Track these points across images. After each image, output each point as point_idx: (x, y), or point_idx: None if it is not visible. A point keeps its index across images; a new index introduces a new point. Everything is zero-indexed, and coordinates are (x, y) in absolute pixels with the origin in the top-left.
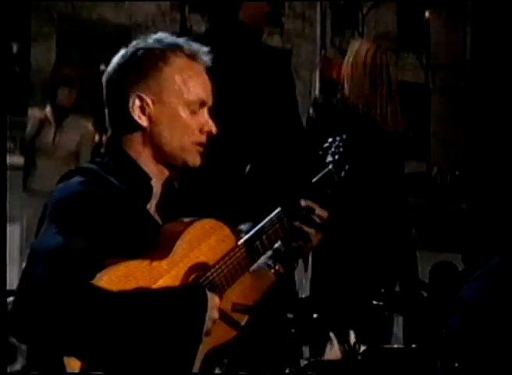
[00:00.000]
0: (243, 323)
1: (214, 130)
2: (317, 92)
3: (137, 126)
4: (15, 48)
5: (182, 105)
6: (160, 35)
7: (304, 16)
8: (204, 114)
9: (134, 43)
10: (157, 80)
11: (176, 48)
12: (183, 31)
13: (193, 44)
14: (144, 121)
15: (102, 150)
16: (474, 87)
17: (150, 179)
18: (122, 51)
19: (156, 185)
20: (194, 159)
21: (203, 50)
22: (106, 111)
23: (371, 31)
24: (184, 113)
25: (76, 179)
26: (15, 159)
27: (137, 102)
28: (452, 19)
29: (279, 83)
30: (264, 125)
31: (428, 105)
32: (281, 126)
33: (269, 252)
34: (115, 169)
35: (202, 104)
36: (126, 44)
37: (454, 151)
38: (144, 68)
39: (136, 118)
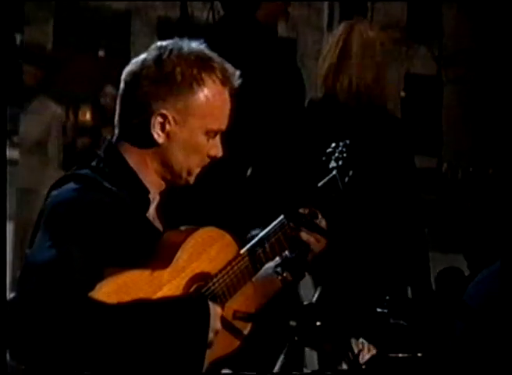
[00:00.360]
0: (245, 332)
1: (220, 155)
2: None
3: (151, 142)
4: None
5: (202, 131)
6: (195, 47)
7: (310, 3)
8: (217, 139)
9: (165, 47)
10: (186, 102)
11: (212, 71)
12: (184, 17)
13: (228, 67)
14: (160, 138)
15: (99, 152)
16: (488, 80)
17: (148, 192)
18: (153, 53)
19: (154, 195)
20: (192, 180)
21: (236, 74)
22: (119, 110)
23: (381, 21)
24: (201, 139)
25: (71, 185)
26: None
27: (159, 119)
28: (464, 10)
29: (286, 79)
30: (267, 123)
31: (440, 98)
32: (284, 123)
33: (277, 259)
34: (111, 176)
35: (219, 132)
36: (125, 30)
37: (467, 146)
38: (177, 86)
39: (154, 134)
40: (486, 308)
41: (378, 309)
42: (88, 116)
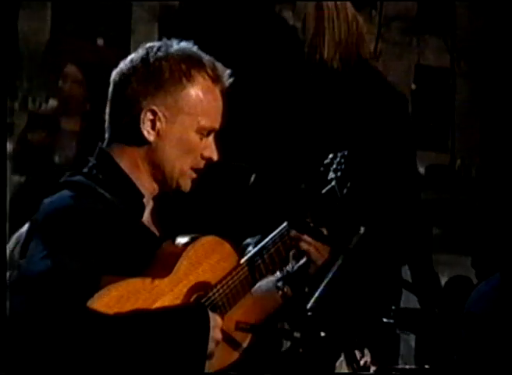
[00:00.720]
0: (245, 344)
1: (215, 157)
2: None
3: (142, 140)
4: None
5: (194, 128)
6: (182, 46)
7: None
8: (210, 139)
9: (153, 46)
10: (176, 97)
11: (201, 68)
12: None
13: (218, 66)
14: (151, 136)
15: (91, 158)
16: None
17: (142, 196)
18: (140, 52)
19: (148, 199)
20: (186, 185)
21: (227, 73)
22: (108, 113)
23: (391, 10)
24: (193, 137)
25: (65, 193)
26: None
27: (149, 116)
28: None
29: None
30: (271, 122)
31: (453, 91)
32: (290, 121)
33: (278, 274)
34: (105, 182)
35: (212, 131)
36: (125, 17)
37: (480, 142)
38: (166, 81)
39: (144, 132)
40: (489, 315)
41: (385, 319)
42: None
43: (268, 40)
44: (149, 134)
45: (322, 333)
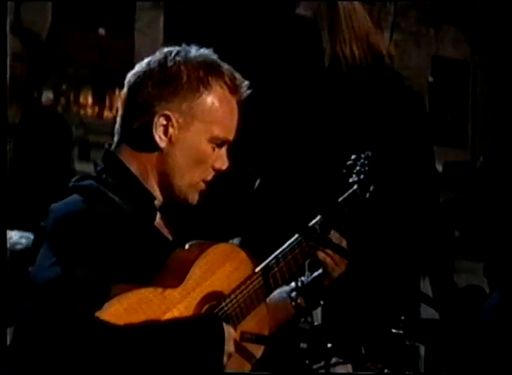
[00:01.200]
0: (258, 355)
1: (225, 168)
2: None
3: (153, 146)
4: None
5: (207, 137)
6: (202, 52)
7: None
8: (223, 151)
9: (171, 51)
10: (191, 104)
11: (219, 76)
12: None
13: (237, 76)
14: (163, 142)
15: (98, 161)
16: None
17: (153, 198)
18: (158, 55)
19: (158, 202)
20: (194, 198)
21: (245, 83)
22: (121, 113)
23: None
24: (206, 147)
25: (75, 197)
26: None
27: (162, 121)
28: None
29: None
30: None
31: (473, 84)
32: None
33: (293, 284)
34: (115, 187)
35: (225, 142)
36: (129, 7)
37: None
38: (182, 87)
39: (156, 137)
40: (499, 325)
41: (394, 330)
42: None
43: (278, 35)
44: (161, 140)
45: (329, 345)
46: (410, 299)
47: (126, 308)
